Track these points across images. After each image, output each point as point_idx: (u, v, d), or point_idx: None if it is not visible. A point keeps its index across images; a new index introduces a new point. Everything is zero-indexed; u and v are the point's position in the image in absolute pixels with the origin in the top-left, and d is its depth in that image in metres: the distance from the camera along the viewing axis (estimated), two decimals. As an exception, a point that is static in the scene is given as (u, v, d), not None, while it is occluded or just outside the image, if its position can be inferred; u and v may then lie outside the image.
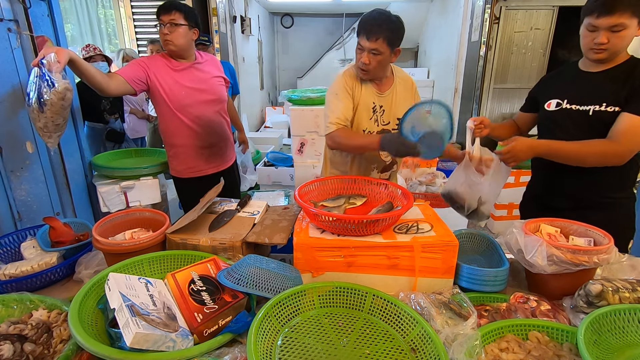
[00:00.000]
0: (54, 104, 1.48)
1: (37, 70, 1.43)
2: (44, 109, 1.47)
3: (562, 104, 1.37)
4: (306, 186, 1.32)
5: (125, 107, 3.29)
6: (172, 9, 1.74)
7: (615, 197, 1.36)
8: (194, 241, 1.16)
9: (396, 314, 0.93)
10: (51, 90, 1.44)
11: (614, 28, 1.17)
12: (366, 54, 1.40)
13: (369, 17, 1.39)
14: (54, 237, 1.28)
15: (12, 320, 0.89)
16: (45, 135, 1.57)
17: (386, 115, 1.56)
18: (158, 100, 1.86)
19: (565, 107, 1.36)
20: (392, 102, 1.56)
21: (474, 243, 1.33)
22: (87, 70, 1.53)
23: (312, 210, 1.09)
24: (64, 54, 1.41)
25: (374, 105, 1.53)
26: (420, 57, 7.39)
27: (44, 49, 1.44)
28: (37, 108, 1.47)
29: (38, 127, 1.55)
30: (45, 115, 1.49)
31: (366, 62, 1.41)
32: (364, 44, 1.39)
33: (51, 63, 1.40)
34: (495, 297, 1.07)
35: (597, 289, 0.90)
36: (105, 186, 2.09)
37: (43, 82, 1.43)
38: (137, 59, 2.03)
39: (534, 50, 4.41)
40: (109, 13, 4.55)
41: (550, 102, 1.41)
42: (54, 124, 1.55)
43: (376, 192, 1.38)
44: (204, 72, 1.93)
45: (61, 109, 1.51)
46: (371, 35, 1.36)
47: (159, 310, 0.85)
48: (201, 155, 1.98)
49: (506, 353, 0.82)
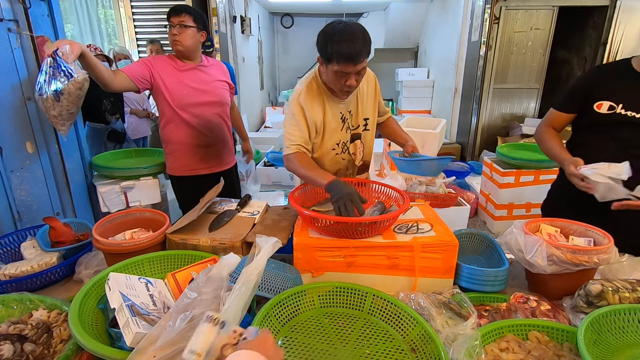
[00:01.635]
0: (71, 93, 1.55)
1: (50, 60, 1.49)
2: (60, 98, 1.54)
3: (615, 107, 1.25)
4: (296, 191, 1.32)
5: (126, 107, 3.30)
6: (182, 12, 1.82)
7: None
8: (194, 241, 1.16)
9: (396, 314, 0.93)
10: (70, 80, 1.51)
11: None
12: (354, 78, 1.25)
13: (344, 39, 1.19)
14: (54, 237, 1.28)
15: (12, 320, 0.89)
16: (59, 124, 1.64)
17: (354, 120, 1.46)
18: (159, 97, 1.90)
19: (620, 112, 1.24)
20: (359, 104, 1.46)
21: (474, 243, 1.33)
22: (95, 65, 1.59)
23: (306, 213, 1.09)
24: (77, 46, 1.48)
25: (342, 115, 1.42)
26: (420, 57, 7.39)
27: (58, 42, 1.50)
28: (52, 97, 1.54)
29: (52, 116, 1.61)
30: (61, 104, 1.56)
31: (354, 84, 1.27)
32: (349, 69, 1.22)
33: (66, 54, 1.47)
34: (495, 297, 1.07)
35: (597, 289, 0.90)
36: (105, 186, 2.09)
37: (59, 73, 1.50)
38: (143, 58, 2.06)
39: (534, 50, 4.41)
40: (108, 13, 4.55)
41: (602, 103, 1.27)
42: (69, 113, 1.63)
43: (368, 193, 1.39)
44: (208, 75, 1.96)
45: (77, 98, 1.59)
46: (358, 59, 1.20)
47: (159, 310, 0.86)
48: (196, 154, 1.99)
49: (506, 353, 0.82)
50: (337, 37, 1.20)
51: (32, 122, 1.82)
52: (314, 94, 1.37)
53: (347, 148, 1.48)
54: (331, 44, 1.20)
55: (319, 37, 1.26)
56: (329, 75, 1.29)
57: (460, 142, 5.08)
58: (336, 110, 1.41)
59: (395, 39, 7.24)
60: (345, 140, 1.47)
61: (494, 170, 3.27)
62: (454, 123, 5.30)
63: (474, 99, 4.64)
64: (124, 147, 3.07)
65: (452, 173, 3.68)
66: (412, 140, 1.52)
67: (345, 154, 1.49)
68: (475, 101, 4.63)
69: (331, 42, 1.20)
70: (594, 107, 1.28)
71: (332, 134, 1.42)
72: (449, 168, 4.02)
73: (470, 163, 4.26)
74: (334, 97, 1.38)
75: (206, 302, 0.75)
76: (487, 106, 4.65)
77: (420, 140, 2.53)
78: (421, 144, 2.53)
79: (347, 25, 1.22)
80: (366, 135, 1.51)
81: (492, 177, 3.32)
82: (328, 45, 1.21)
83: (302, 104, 1.35)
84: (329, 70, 1.26)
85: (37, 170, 1.87)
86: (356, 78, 1.26)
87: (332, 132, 1.42)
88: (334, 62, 1.21)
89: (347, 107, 1.43)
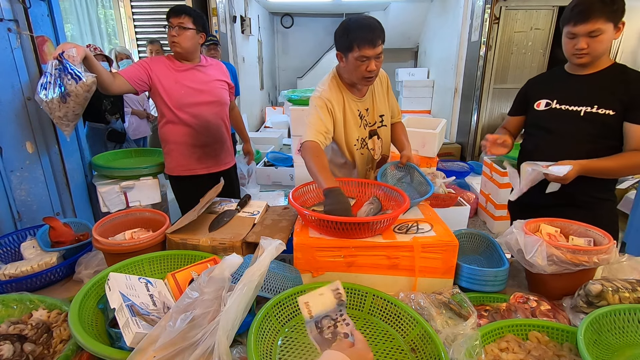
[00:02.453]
0: (79, 95, 1.59)
1: (55, 63, 1.52)
2: (67, 100, 1.58)
3: (551, 103, 1.41)
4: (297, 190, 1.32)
5: (126, 108, 3.30)
6: (181, 13, 1.81)
7: (598, 197, 1.39)
8: (194, 241, 1.16)
9: (396, 314, 0.93)
10: (78, 82, 1.55)
11: (591, 34, 1.25)
12: (374, 62, 1.33)
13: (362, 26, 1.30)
14: (53, 237, 1.28)
15: (12, 320, 0.89)
16: (63, 124, 1.67)
17: (370, 117, 1.55)
18: (157, 98, 1.91)
19: (555, 107, 1.40)
20: (374, 101, 1.55)
21: (474, 243, 1.33)
22: (97, 68, 1.63)
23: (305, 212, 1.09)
24: (81, 50, 1.55)
25: (359, 111, 1.51)
26: (420, 57, 7.39)
27: (63, 45, 1.55)
28: (58, 99, 1.57)
29: (57, 117, 1.63)
30: (67, 105, 1.60)
31: (374, 69, 1.34)
32: (369, 52, 1.30)
33: (73, 57, 1.52)
34: (495, 297, 1.07)
35: (597, 289, 0.90)
36: (105, 186, 2.09)
37: (66, 75, 1.54)
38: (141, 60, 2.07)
39: (534, 51, 4.41)
40: (108, 13, 4.55)
41: (540, 102, 1.44)
42: (74, 114, 1.66)
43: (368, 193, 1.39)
44: (206, 75, 1.96)
45: (84, 100, 1.64)
46: (376, 41, 1.29)
47: (159, 310, 0.86)
48: (193, 154, 1.99)
49: (506, 353, 0.82)
50: (355, 24, 1.31)
51: (32, 122, 1.82)
52: (334, 92, 1.45)
53: (365, 144, 1.56)
54: (351, 32, 1.30)
55: (337, 32, 1.36)
56: (349, 66, 1.36)
57: (460, 142, 5.08)
58: (354, 107, 1.49)
59: (395, 39, 7.24)
60: (364, 136, 1.55)
61: (493, 170, 3.27)
62: (454, 123, 5.30)
63: (474, 99, 4.63)
64: (124, 147, 3.07)
65: (452, 173, 3.68)
66: (409, 150, 1.57)
67: (364, 149, 1.57)
68: (475, 101, 4.63)
69: (350, 30, 1.30)
70: (535, 107, 1.46)
71: (352, 130, 1.50)
72: (449, 168, 4.03)
73: (470, 163, 4.26)
74: (352, 94, 1.48)
75: (207, 302, 0.75)
76: (487, 106, 4.64)
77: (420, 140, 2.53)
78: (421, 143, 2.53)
79: (361, 16, 1.33)
80: (383, 131, 1.60)
81: (492, 177, 3.32)
82: (349, 34, 1.30)
83: (325, 100, 1.42)
84: (349, 60, 1.34)
85: (37, 170, 1.87)
86: (376, 63, 1.33)
87: (352, 129, 1.50)
88: (355, 49, 1.30)
89: (365, 104, 1.52)
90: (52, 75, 1.53)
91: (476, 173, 4.01)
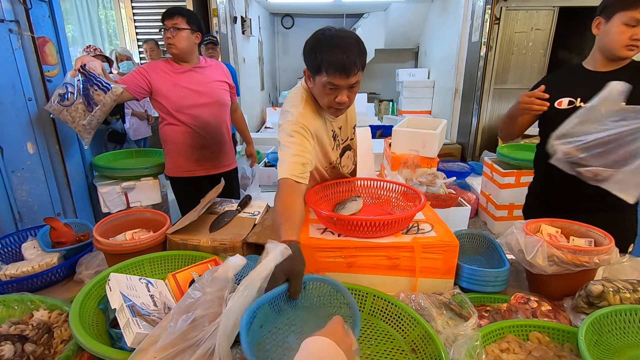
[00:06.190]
0: (106, 104, 1.70)
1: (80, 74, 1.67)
2: (94, 109, 1.69)
3: (575, 102, 1.37)
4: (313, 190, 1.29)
5: (127, 109, 3.31)
6: (174, 14, 1.82)
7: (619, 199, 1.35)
8: (194, 241, 1.16)
9: (397, 314, 0.93)
10: (107, 92, 1.68)
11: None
12: (346, 93, 1.10)
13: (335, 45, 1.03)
14: (54, 237, 1.28)
15: (13, 321, 0.89)
16: (85, 132, 1.75)
17: (343, 133, 1.37)
18: (157, 103, 1.92)
19: (580, 105, 1.35)
20: (347, 115, 1.36)
21: (474, 243, 1.33)
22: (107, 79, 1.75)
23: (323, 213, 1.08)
24: (99, 64, 1.72)
25: (333, 132, 1.30)
26: (420, 58, 7.39)
27: (81, 58, 1.69)
28: (83, 108, 1.69)
29: (81, 125, 1.73)
30: (94, 114, 1.71)
31: (345, 101, 1.11)
32: (340, 82, 1.06)
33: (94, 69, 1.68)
34: (496, 297, 1.07)
35: (598, 289, 0.90)
36: (106, 187, 2.09)
37: (92, 86, 1.67)
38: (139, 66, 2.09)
39: (534, 51, 4.41)
40: (109, 14, 4.56)
41: (562, 100, 1.39)
42: (98, 122, 1.76)
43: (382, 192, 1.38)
44: (205, 76, 1.96)
45: (110, 108, 1.75)
46: (351, 70, 1.04)
47: (160, 310, 0.86)
48: (191, 155, 1.99)
49: (507, 354, 0.82)
50: (328, 43, 1.04)
51: (32, 123, 1.82)
52: (311, 116, 1.19)
53: (339, 162, 1.37)
54: (320, 51, 1.04)
55: (306, 44, 1.10)
56: (316, 89, 1.13)
57: (461, 142, 5.08)
58: (329, 128, 1.27)
59: (395, 39, 7.25)
60: (336, 158, 1.34)
61: (494, 170, 3.26)
62: (455, 123, 5.30)
63: (474, 99, 4.64)
64: (124, 147, 3.08)
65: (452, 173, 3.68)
66: None
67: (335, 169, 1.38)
68: (475, 102, 4.63)
69: (321, 49, 1.04)
70: (555, 105, 1.39)
71: (326, 155, 1.29)
72: (449, 169, 4.02)
73: (471, 163, 4.26)
74: (329, 114, 1.22)
75: (209, 303, 0.74)
76: (488, 107, 4.65)
77: (420, 140, 2.53)
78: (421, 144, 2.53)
79: (339, 31, 1.07)
80: (354, 141, 1.46)
81: (492, 178, 3.32)
82: (317, 52, 1.05)
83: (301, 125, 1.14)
84: (316, 83, 1.11)
85: (37, 170, 1.88)
86: (348, 94, 1.10)
87: (326, 155, 1.29)
88: (323, 73, 1.06)
89: (338, 123, 1.32)
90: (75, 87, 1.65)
91: (477, 173, 4.01)
